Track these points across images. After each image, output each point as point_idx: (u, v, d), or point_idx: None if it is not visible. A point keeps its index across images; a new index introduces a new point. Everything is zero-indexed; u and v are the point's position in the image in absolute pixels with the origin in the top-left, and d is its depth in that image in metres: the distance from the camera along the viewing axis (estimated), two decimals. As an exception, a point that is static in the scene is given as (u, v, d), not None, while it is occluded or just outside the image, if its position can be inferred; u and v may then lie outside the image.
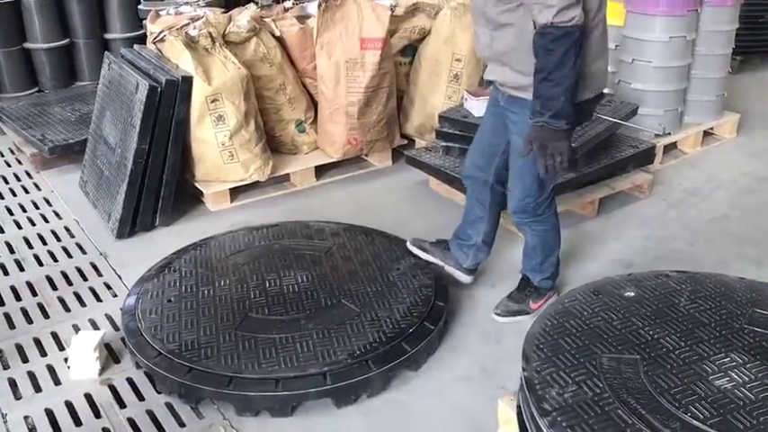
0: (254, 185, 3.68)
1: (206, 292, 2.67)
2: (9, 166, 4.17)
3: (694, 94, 4.13)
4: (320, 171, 3.90)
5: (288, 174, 3.77)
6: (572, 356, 1.93)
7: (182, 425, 2.24)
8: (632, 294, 2.19)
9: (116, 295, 2.90)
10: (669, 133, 4.01)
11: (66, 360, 2.46)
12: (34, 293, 2.93)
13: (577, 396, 1.80)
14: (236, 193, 3.65)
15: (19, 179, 4.00)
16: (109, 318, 2.75)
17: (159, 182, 3.39)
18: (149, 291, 2.71)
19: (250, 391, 2.22)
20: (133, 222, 3.35)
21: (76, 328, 2.69)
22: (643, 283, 2.26)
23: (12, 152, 4.33)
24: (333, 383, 2.24)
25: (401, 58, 4.13)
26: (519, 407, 1.98)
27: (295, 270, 2.80)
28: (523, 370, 1.91)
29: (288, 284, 2.71)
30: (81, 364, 2.42)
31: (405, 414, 2.28)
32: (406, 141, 4.16)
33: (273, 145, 3.80)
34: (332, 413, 2.28)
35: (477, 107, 3.47)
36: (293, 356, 2.32)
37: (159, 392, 2.36)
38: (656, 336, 2.00)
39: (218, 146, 3.47)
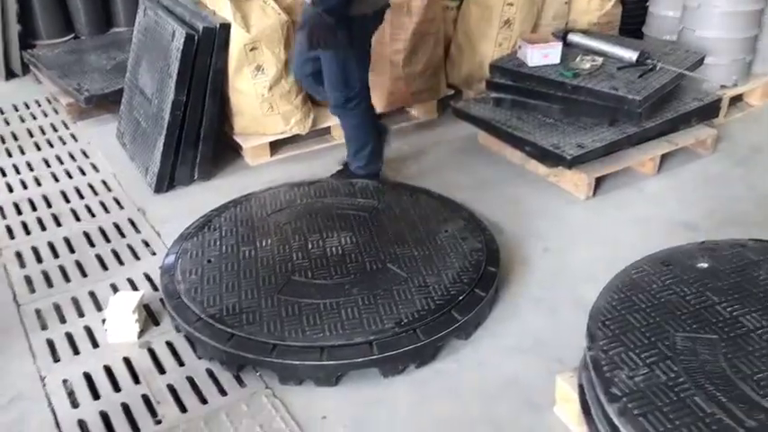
0: (294, 138, 3.54)
1: (247, 253, 2.57)
2: (46, 116, 4.09)
3: (766, 41, 3.83)
4: (363, 124, 3.73)
5: (329, 126, 3.61)
6: (642, 335, 1.78)
7: (223, 393, 2.15)
8: (706, 266, 2.02)
9: (154, 253, 2.82)
10: (736, 84, 3.74)
11: (104, 321, 2.39)
12: (72, 250, 2.86)
13: (649, 380, 1.65)
14: (276, 146, 3.52)
15: (56, 129, 3.92)
16: (147, 277, 2.67)
17: (197, 135, 3.27)
18: (188, 250, 2.61)
19: (294, 359, 2.12)
20: (171, 177, 3.25)
21: (114, 288, 2.61)
22: (717, 252, 2.08)
23: (48, 101, 4.24)
24: (380, 353, 2.13)
25: (449, 2, 3.90)
26: (581, 386, 1.85)
27: (338, 231, 2.67)
28: (589, 349, 1.77)
29: (331, 246, 2.58)
30: (119, 327, 2.35)
31: (453, 386, 2.17)
32: (452, 92, 3.96)
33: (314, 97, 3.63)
34: (378, 383, 2.17)
35: (532, 56, 3.25)
36: (338, 324, 2.21)
37: (200, 358, 2.28)
38: (734, 313, 1.83)
39: (257, 97, 3.32)
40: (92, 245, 2.89)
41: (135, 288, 2.60)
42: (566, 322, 2.39)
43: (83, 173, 3.45)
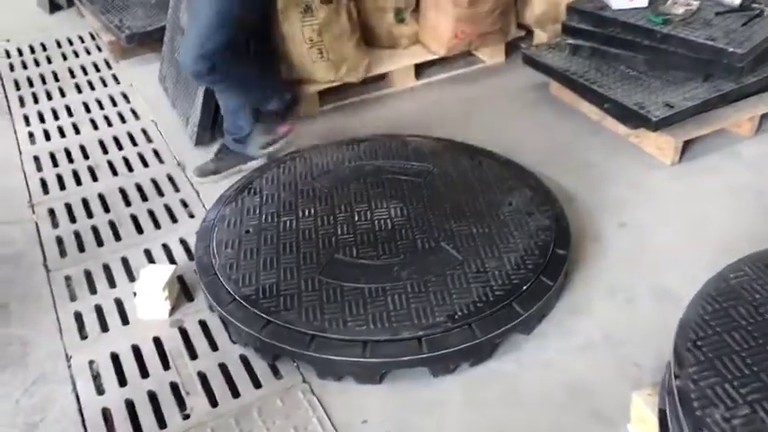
0: (345, 87, 3.24)
1: (288, 224, 2.34)
2: (89, 53, 3.90)
3: None
4: (421, 69, 3.40)
5: (384, 73, 3.30)
6: (742, 362, 1.49)
7: (257, 385, 1.97)
8: (825, 272, 1.68)
9: (192, 215, 2.62)
10: None
11: (135, 294, 2.22)
12: (106, 209, 2.69)
13: (751, 424, 1.37)
14: (325, 95, 3.23)
15: (98, 69, 3.73)
16: (183, 243, 2.48)
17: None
18: (226, 217, 2.40)
19: (333, 354, 1.91)
20: (213, 129, 3.02)
21: (149, 255, 2.44)
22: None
23: (92, 37, 4.05)
24: (429, 351, 1.89)
25: (522, -70, 3.46)
26: (663, 411, 1.58)
27: (388, 200, 2.41)
28: (675, 376, 1.49)
29: (379, 219, 2.32)
30: (149, 303, 2.17)
31: (512, 390, 1.92)
32: (523, 33, 3.56)
33: (367, 39, 3.31)
34: (427, 382, 1.95)
35: (616, -1, 2.84)
36: (384, 314, 1.97)
37: (234, 342, 2.09)
38: None
39: (305, 42, 3.03)
40: (127, 203, 2.71)
41: (170, 256, 2.42)
42: (644, 317, 2.10)
43: (123, 120, 3.26)
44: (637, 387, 1.84)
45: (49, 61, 3.81)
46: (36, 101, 3.45)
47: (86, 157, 3.00)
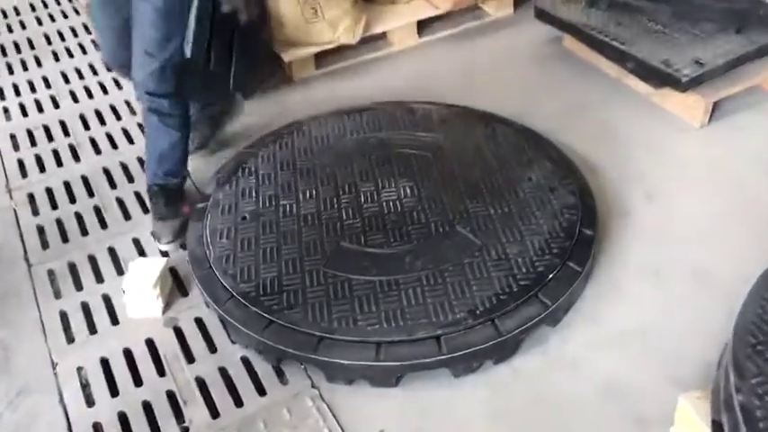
0: (341, 48, 2.99)
1: (288, 208, 2.14)
2: (65, 17, 3.62)
3: None
4: (423, 26, 3.15)
5: (384, 32, 3.05)
6: (812, 372, 1.31)
7: (261, 392, 1.80)
8: None
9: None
10: None
11: (124, 292, 2.03)
12: (90, 193, 2.49)
13: (827, 448, 1.20)
14: (322, 57, 2.99)
15: (76, 34, 3.47)
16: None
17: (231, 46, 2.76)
18: (220, 202, 2.20)
19: (344, 358, 1.73)
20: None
21: (137, 244, 2.25)
22: None
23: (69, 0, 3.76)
24: (449, 352, 1.72)
25: None
26: (717, 424, 1.42)
27: (396, 179, 2.20)
28: (737, 390, 1.31)
29: (388, 200, 2.13)
30: (140, 301, 1.99)
31: (540, 390, 1.76)
32: (533, -18, 3.30)
33: (366, -6, 3.05)
34: (448, 384, 1.78)
35: (639, -55, 2.58)
36: (398, 311, 1.79)
37: (234, 342, 1.92)
38: None
39: (298, 1, 2.77)
40: (113, 185, 2.51)
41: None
42: (680, 301, 1.92)
43: (104, 91, 3.02)
44: (677, 383, 1.69)
45: (23, 27, 3.55)
46: (11, 72, 3.20)
47: (67, 133, 2.78)
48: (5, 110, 2.95)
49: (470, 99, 2.62)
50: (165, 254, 2.19)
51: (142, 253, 2.21)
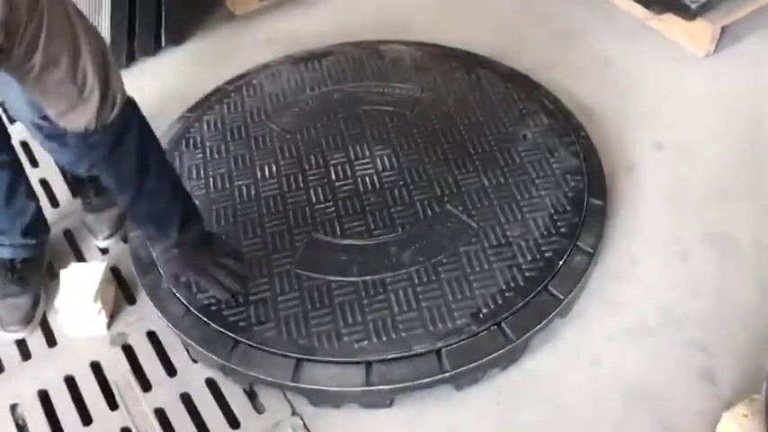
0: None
1: (244, 191, 1.81)
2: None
3: None
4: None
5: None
6: None
7: (234, 424, 1.53)
8: None
9: (119, 175, 2.05)
10: None
11: (56, 309, 1.71)
12: (8, 174, 2.09)
13: None
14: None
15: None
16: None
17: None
18: (162, 185, 1.85)
19: (328, 383, 1.47)
20: (130, 48, 2.36)
21: (69, 237, 1.90)
22: None
23: None
24: (453, 368, 1.47)
25: None
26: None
27: (371, 145, 1.88)
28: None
29: (363, 174, 1.81)
30: (79, 317, 1.68)
31: (555, 397, 1.53)
32: None
33: None
34: (449, 397, 1.54)
35: None
36: (388, 320, 1.52)
37: (195, 361, 1.63)
38: None
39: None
40: (34, 164, 2.11)
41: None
42: (703, 278, 1.70)
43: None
44: (710, 380, 1.49)
45: None
46: None
47: (-29, 98, 2.35)
48: None
49: (445, 34, 2.27)
50: (104, 251, 1.86)
51: (76, 251, 1.88)
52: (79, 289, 1.66)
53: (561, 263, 1.60)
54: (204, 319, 1.57)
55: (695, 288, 1.68)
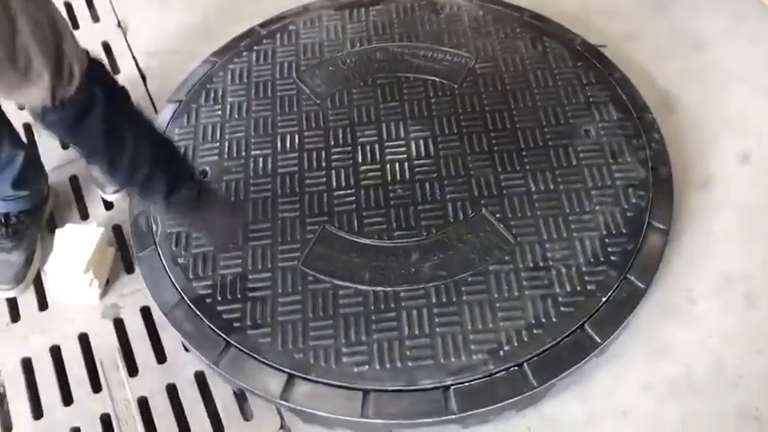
0: None
1: (261, 163, 1.62)
2: None
3: None
4: None
5: None
6: None
7: (217, 427, 1.41)
8: None
9: (137, 118, 1.88)
10: None
11: (44, 272, 1.59)
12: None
13: None
14: None
15: None
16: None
17: None
18: (175, 143, 1.67)
19: (319, 407, 1.32)
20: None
21: (76, 187, 1.76)
22: None
23: None
24: (460, 411, 1.29)
25: None
26: None
27: (407, 123, 1.65)
28: None
29: (394, 160, 1.59)
30: (69, 286, 1.55)
31: (576, 449, 1.36)
32: None
33: None
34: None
35: None
36: (395, 343, 1.35)
37: (188, 350, 1.50)
38: None
39: None
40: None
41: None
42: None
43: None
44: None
45: None
46: None
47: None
48: None
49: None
50: (108, 206, 1.72)
51: (81, 202, 1.74)
52: (72, 255, 1.53)
53: (605, 300, 1.38)
54: (196, 311, 1.42)
55: (757, 342, 1.44)
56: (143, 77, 1.95)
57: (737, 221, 1.59)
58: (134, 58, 2.00)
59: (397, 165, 1.58)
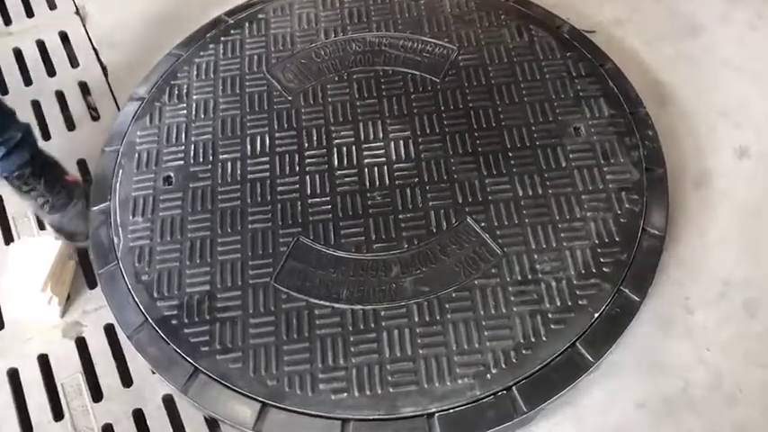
0: None
1: (229, 168, 1.50)
2: None
3: None
4: None
5: None
6: None
7: (188, 457, 1.33)
8: None
9: (97, 117, 1.77)
10: None
11: None
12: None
13: None
14: None
15: None
16: (82, 166, 1.68)
17: None
18: (136, 146, 1.56)
19: (295, 438, 1.24)
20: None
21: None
22: None
23: None
24: (445, 439, 1.22)
25: None
26: None
27: (386, 122, 1.54)
28: None
29: (372, 163, 1.49)
30: (27, 304, 1.45)
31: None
32: None
33: None
34: (440, 457, 1.30)
35: None
36: (375, 368, 1.26)
37: (154, 372, 1.41)
38: None
39: None
40: (2, 90, 1.83)
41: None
42: (770, 341, 1.39)
43: None
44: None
45: None
46: None
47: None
48: None
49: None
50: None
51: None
52: (28, 271, 1.43)
53: (597, 316, 1.30)
54: (161, 334, 1.33)
55: (758, 354, 1.37)
56: (104, 70, 1.83)
57: (736, 223, 1.51)
58: (94, 49, 1.87)
59: (376, 169, 1.47)
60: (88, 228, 1.47)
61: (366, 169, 1.47)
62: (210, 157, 1.52)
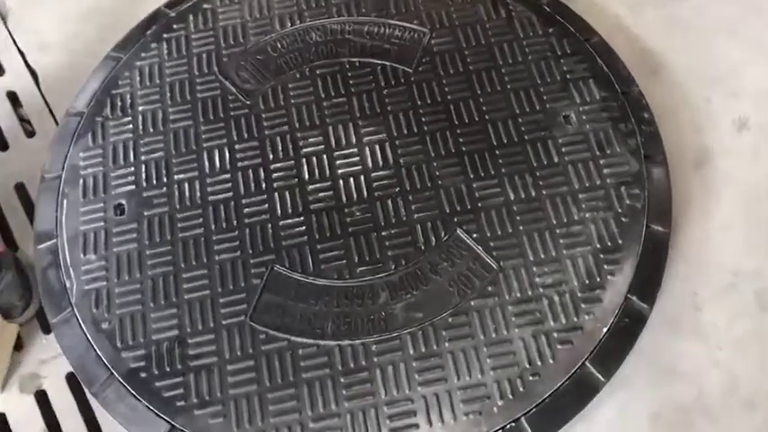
0: None
1: (187, 190, 1.35)
2: None
3: None
4: None
5: None
6: None
7: None
8: None
9: (33, 132, 1.58)
10: None
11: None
12: None
13: None
14: None
15: None
16: (21, 190, 1.50)
17: None
18: (80, 171, 1.38)
19: (291, 493, 1.13)
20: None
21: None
22: None
23: None
24: (452, 482, 1.12)
25: None
26: None
27: (357, 122, 1.39)
28: None
29: (347, 174, 1.34)
30: (-26, 363, 1.30)
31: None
32: None
33: None
34: (446, 493, 1.21)
35: None
36: (372, 410, 1.15)
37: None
38: None
39: None
40: None
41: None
42: (785, 336, 1.30)
43: None
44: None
45: None
46: None
47: None
48: None
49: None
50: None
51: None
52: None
53: (606, 331, 1.20)
54: (129, 389, 1.19)
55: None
56: (34, 77, 1.63)
57: (741, 205, 1.41)
58: (20, 52, 1.66)
59: (352, 180, 1.33)
60: (26, 298, 1.31)
61: (341, 181, 1.33)
62: (165, 179, 1.36)
